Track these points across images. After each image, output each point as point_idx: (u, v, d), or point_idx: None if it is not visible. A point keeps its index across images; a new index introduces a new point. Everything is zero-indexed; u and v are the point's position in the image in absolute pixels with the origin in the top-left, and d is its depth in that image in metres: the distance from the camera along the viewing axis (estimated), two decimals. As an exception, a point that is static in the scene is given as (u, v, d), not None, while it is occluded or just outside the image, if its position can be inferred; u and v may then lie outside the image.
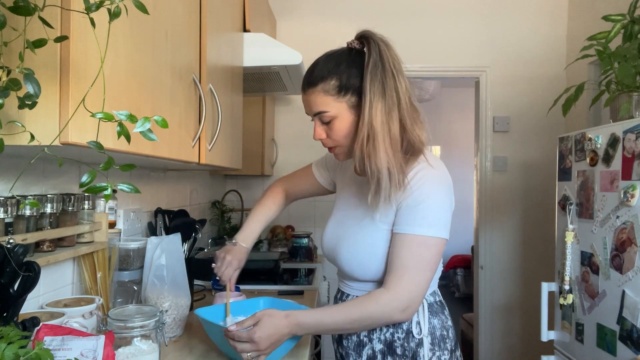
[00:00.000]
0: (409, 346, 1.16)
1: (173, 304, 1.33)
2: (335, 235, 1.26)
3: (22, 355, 0.69)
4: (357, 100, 1.11)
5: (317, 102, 1.13)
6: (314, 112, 1.15)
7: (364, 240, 1.17)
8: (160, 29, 1.10)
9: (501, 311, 3.22)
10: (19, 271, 0.82)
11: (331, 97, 1.11)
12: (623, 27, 1.99)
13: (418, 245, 1.09)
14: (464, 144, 6.00)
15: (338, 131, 1.13)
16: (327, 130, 1.15)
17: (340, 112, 1.12)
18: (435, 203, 1.10)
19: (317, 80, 1.12)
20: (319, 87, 1.12)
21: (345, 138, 1.14)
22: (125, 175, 1.63)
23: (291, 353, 1.26)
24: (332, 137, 1.15)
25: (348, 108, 1.12)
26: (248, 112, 2.59)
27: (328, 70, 1.12)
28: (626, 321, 1.67)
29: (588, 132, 1.94)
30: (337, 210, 1.32)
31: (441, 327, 1.19)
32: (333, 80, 1.11)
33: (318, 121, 1.16)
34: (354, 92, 1.10)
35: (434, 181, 1.11)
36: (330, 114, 1.12)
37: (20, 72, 0.67)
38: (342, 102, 1.11)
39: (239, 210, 3.19)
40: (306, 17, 3.22)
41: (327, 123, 1.14)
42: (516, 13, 3.19)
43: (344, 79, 1.11)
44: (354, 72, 1.10)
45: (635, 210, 1.65)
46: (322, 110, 1.13)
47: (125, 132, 0.73)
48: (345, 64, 1.12)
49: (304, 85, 1.16)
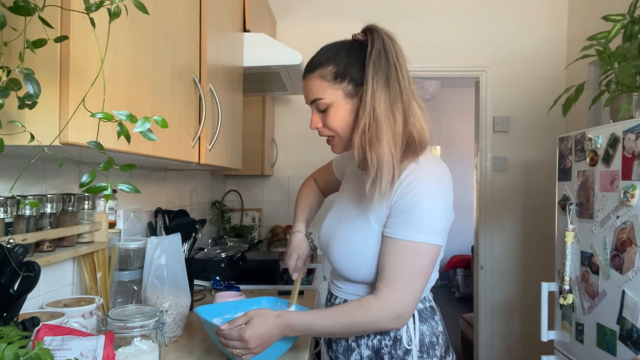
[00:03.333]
0: (396, 354, 1.13)
1: (173, 304, 1.33)
2: (331, 230, 1.23)
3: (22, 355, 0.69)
4: (353, 88, 1.10)
5: (314, 89, 1.13)
6: (310, 99, 1.15)
7: (356, 240, 1.14)
8: (160, 29, 1.10)
9: (501, 311, 3.22)
10: (19, 271, 0.82)
11: (327, 84, 1.11)
12: (623, 27, 1.99)
13: (410, 252, 1.04)
14: (464, 144, 6.00)
15: (333, 119, 1.12)
16: (323, 119, 1.15)
17: (336, 100, 1.11)
18: (430, 207, 1.04)
19: (315, 66, 1.13)
20: (316, 72, 1.12)
21: (341, 127, 1.13)
22: (125, 175, 1.63)
23: (291, 353, 1.26)
24: (328, 126, 1.14)
25: (344, 96, 1.11)
26: (248, 112, 2.59)
27: (327, 57, 1.12)
28: (626, 321, 1.67)
29: (588, 132, 1.94)
30: (336, 205, 1.30)
31: (430, 334, 1.15)
32: (330, 67, 1.11)
33: (315, 109, 1.15)
34: (351, 80, 1.10)
35: (431, 184, 1.06)
36: (325, 101, 1.11)
37: (20, 72, 0.67)
38: (338, 89, 1.10)
39: (239, 210, 3.19)
40: (306, 17, 3.22)
41: (323, 111, 1.13)
42: (516, 13, 3.19)
43: (341, 67, 1.10)
44: (352, 61, 1.10)
45: (635, 210, 1.65)
46: (318, 97, 1.12)
47: (125, 132, 0.73)
48: (345, 52, 1.12)
49: (304, 72, 1.16)
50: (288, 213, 3.28)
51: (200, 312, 1.22)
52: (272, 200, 3.30)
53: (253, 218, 3.24)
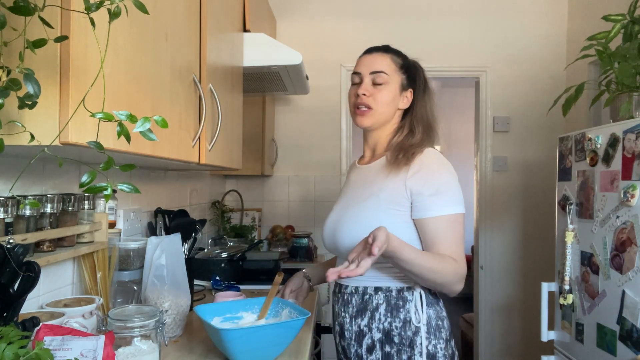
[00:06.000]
0: (406, 335, 1.21)
1: (173, 304, 1.34)
2: (336, 217, 1.33)
3: (22, 355, 0.69)
4: (406, 85, 1.33)
5: (383, 63, 1.31)
6: (374, 69, 1.30)
7: (366, 218, 1.22)
8: (160, 29, 1.10)
9: (501, 311, 3.22)
10: (19, 271, 0.82)
11: (395, 67, 1.32)
12: (623, 27, 1.99)
13: (453, 222, 1.20)
14: (464, 144, 6.00)
15: (384, 95, 1.30)
16: (373, 92, 1.30)
17: (393, 81, 1.31)
18: (452, 183, 1.23)
19: (390, 51, 1.34)
20: (389, 54, 1.33)
21: (385, 104, 1.30)
22: (125, 175, 1.63)
23: (291, 353, 1.26)
24: (376, 98, 1.29)
25: (400, 83, 1.32)
26: (248, 112, 2.58)
27: (398, 52, 1.35)
28: (626, 321, 1.67)
29: (588, 132, 1.94)
30: (338, 203, 1.40)
31: (436, 317, 1.24)
32: (400, 59, 1.34)
33: (369, 80, 1.30)
34: (407, 78, 1.33)
35: (445, 164, 1.25)
36: (386, 77, 1.30)
37: (20, 72, 0.67)
38: (399, 76, 1.32)
39: (239, 210, 3.19)
40: (306, 17, 3.22)
41: (378, 85, 1.29)
42: (516, 13, 3.19)
43: (405, 64, 1.34)
44: (410, 67, 1.35)
45: (635, 210, 1.65)
46: (383, 70, 1.30)
47: (125, 132, 0.73)
48: (405, 58, 1.37)
49: (373, 49, 1.34)
50: (288, 213, 3.28)
51: (200, 312, 1.22)
52: (272, 200, 3.30)
53: (253, 218, 3.24)
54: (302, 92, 2.70)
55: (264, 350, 1.16)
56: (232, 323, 1.30)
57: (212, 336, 1.20)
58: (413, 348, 1.20)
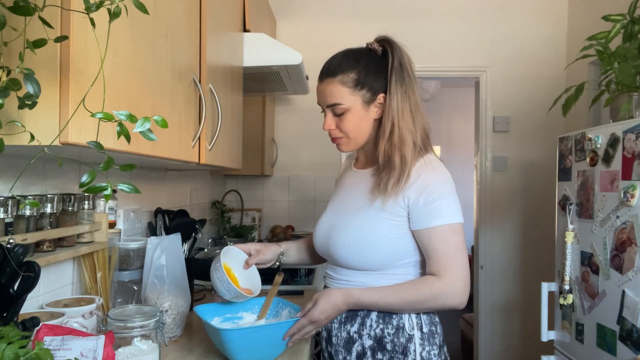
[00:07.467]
0: (399, 342, 1.18)
1: (173, 304, 1.34)
2: (331, 223, 1.28)
3: (22, 355, 0.69)
4: (371, 96, 1.19)
5: (334, 93, 1.19)
6: (328, 103, 1.20)
7: (364, 228, 1.19)
8: (160, 29, 1.10)
9: (501, 311, 3.22)
10: (19, 271, 0.82)
11: (347, 90, 1.18)
12: (623, 27, 1.99)
13: (447, 233, 1.14)
14: (464, 144, 6.00)
15: (349, 124, 1.20)
16: (337, 122, 1.21)
17: (354, 106, 1.19)
18: (447, 192, 1.16)
19: (337, 72, 1.19)
20: (337, 78, 1.18)
21: (354, 131, 1.21)
22: (125, 175, 1.63)
23: (291, 353, 1.26)
24: (342, 129, 1.21)
25: (362, 103, 1.19)
26: (248, 112, 2.58)
27: (348, 64, 1.19)
28: (626, 321, 1.67)
29: (588, 132, 1.94)
30: (332, 204, 1.36)
31: (430, 322, 1.21)
32: (352, 74, 1.18)
33: (330, 112, 1.21)
34: (369, 88, 1.18)
35: (440, 173, 1.18)
36: (344, 106, 1.18)
37: (20, 72, 0.67)
38: (357, 96, 1.18)
39: (239, 210, 3.19)
40: (306, 17, 3.22)
41: (339, 115, 1.20)
42: (516, 13, 3.19)
43: (362, 75, 1.18)
44: (371, 70, 1.18)
45: (635, 210, 1.65)
46: (337, 102, 1.19)
47: (125, 132, 0.73)
48: (365, 61, 1.19)
49: (322, 75, 1.22)
50: (288, 213, 3.28)
51: (200, 312, 1.22)
52: (272, 200, 3.30)
53: (253, 218, 3.24)
54: (302, 92, 2.70)
55: (264, 350, 1.16)
56: (232, 323, 1.30)
57: (212, 336, 1.20)
58: (406, 355, 1.17)
